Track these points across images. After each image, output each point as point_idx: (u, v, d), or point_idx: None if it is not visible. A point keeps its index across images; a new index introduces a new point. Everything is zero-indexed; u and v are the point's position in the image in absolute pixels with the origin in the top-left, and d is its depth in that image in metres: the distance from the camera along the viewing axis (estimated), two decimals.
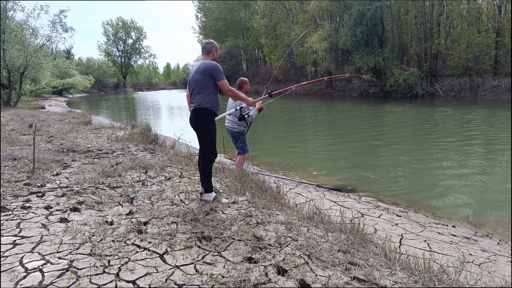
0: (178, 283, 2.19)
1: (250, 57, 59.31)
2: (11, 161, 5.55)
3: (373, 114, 18.63)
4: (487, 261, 3.31)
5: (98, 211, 3.47)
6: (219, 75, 3.65)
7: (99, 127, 11.02)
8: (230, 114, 5.12)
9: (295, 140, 11.81)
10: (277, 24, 44.18)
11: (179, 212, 3.41)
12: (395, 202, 5.41)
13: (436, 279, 2.30)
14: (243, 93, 5.35)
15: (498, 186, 6.08)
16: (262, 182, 4.56)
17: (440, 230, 4.09)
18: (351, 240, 2.92)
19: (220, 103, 3.79)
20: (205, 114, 3.69)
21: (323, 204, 4.41)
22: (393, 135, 11.99)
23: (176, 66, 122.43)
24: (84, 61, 67.31)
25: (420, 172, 7.11)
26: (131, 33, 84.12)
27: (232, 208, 3.65)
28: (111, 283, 2.18)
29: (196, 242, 2.79)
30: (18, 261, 2.42)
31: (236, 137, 5.38)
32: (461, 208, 5.20)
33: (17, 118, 13.25)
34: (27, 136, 8.69)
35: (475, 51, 27.67)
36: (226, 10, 56.94)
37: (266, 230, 3.08)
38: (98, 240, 2.77)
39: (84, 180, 4.50)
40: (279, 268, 2.38)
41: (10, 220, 3.17)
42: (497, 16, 27.90)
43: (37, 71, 21.80)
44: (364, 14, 29.05)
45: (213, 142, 3.76)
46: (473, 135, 11.32)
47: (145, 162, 5.51)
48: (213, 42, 3.85)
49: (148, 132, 8.60)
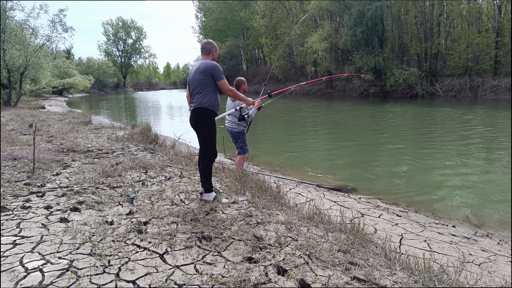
0: (178, 283, 2.19)
1: (250, 57, 59.31)
2: (11, 161, 5.55)
3: (373, 114, 18.63)
4: (487, 261, 3.31)
5: (98, 211, 3.47)
6: (219, 75, 3.66)
7: (99, 127, 11.02)
8: (230, 114, 5.12)
9: (295, 140, 11.80)
10: (277, 24, 44.19)
11: (179, 212, 3.41)
12: (395, 202, 5.41)
13: (436, 279, 2.30)
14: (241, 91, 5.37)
15: (498, 186, 6.08)
16: (262, 182, 4.56)
17: (440, 230, 4.09)
18: (351, 240, 2.92)
19: (220, 103, 3.80)
20: (205, 114, 3.69)
21: (323, 204, 4.41)
22: (393, 135, 11.99)
23: (176, 66, 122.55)
24: (84, 61, 67.29)
25: (420, 172, 7.11)
26: (131, 33, 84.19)
27: (232, 208, 3.65)
28: (111, 283, 2.18)
29: (196, 242, 2.79)
30: (18, 261, 2.42)
31: (236, 137, 5.39)
32: (461, 208, 5.20)
33: (17, 118, 13.25)
34: (27, 136, 8.70)
35: (475, 51, 27.66)
36: (226, 10, 56.96)
37: (266, 230, 3.08)
38: (98, 240, 2.77)
39: (84, 180, 4.50)
40: (279, 268, 2.38)
41: (10, 220, 3.17)
42: (497, 16, 27.89)
43: (37, 71, 21.79)
44: (364, 14, 29.04)
45: (213, 142, 3.77)
46: (473, 135, 11.32)
47: (145, 162, 5.51)
48: (212, 42, 3.85)
49: (148, 132, 8.60)
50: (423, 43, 30.62)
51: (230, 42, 55.57)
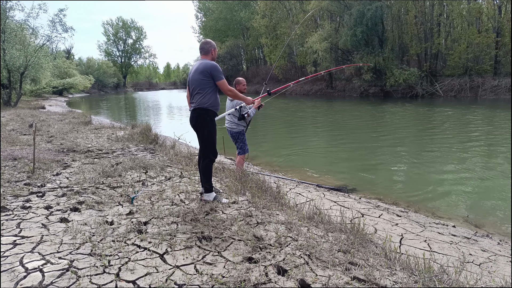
0: (178, 283, 2.19)
1: (250, 57, 59.30)
2: (11, 161, 5.55)
3: (373, 114, 18.63)
4: (487, 261, 3.31)
5: (98, 211, 3.47)
6: (219, 75, 3.66)
7: (99, 127, 11.02)
8: (230, 114, 5.12)
9: (295, 140, 11.80)
10: (277, 24, 44.18)
11: (179, 212, 3.41)
12: (395, 202, 5.41)
13: (436, 279, 2.30)
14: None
15: (499, 186, 6.08)
16: (262, 182, 4.56)
17: (440, 230, 4.09)
18: (351, 240, 2.92)
19: (219, 103, 3.80)
20: (205, 114, 3.69)
21: (323, 204, 4.41)
22: (393, 135, 11.99)
23: (176, 66, 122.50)
24: (84, 61, 67.29)
25: (421, 172, 7.11)
26: (131, 33, 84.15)
27: (232, 208, 3.65)
28: (111, 283, 2.18)
29: (196, 242, 2.79)
30: (18, 261, 2.42)
31: (235, 137, 5.39)
32: (461, 208, 5.20)
33: (17, 118, 13.25)
34: (27, 136, 8.70)
35: (475, 51, 27.67)
36: (226, 10, 56.95)
37: (266, 230, 3.08)
38: (98, 240, 2.77)
39: (84, 180, 4.50)
40: (279, 268, 2.38)
41: (10, 220, 3.17)
42: (497, 16, 27.90)
43: (37, 71, 21.79)
44: (364, 14, 29.05)
45: (213, 142, 3.77)
46: (474, 135, 11.32)
47: (145, 162, 5.51)
48: (210, 41, 3.83)
49: (148, 132, 8.60)
50: (423, 43, 30.62)
51: (230, 42, 55.57)
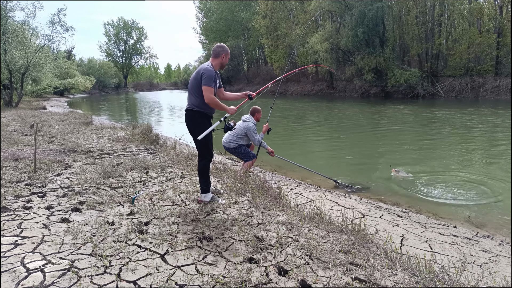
0: (179, 284, 2.19)
1: (251, 57, 59.31)
2: (12, 161, 5.56)
3: (374, 115, 18.61)
4: (489, 262, 3.30)
5: (99, 211, 3.48)
6: (205, 80, 3.53)
7: (100, 128, 11.03)
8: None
9: (296, 140, 11.79)
10: (278, 24, 44.17)
11: (180, 213, 3.41)
12: (396, 203, 5.40)
13: (437, 280, 2.30)
14: (254, 119, 5.46)
15: (499, 186, 6.07)
16: (263, 182, 4.56)
17: (441, 231, 4.08)
18: (352, 240, 2.91)
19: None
20: (196, 115, 3.70)
21: (324, 204, 4.41)
22: (394, 135, 11.98)
23: (177, 66, 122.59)
24: (85, 62, 67.40)
25: (421, 172, 7.10)
26: (132, 34, 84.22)
27: (233, 209, 3.65)
28: (112, 283, 2.19)
29: (197, 242, 2.79)
30: (19, 261, 2.42)
31: (232, 152, 5.41)
32: (462, 209, 5.19)
33: (19, 119, 13.27)
34: (28, 136, 8.71)
35: (476, 51, 27.61)
36: (227, 10, 56.99)
37: (267, 230, 3.08)
38: (99, 241, 2.77)
39: (85, 181, 4.50)
40: (280, 269, 2.38)
41: (11, 220, 3.17)
42: (499, 16, 27.84)
43: (38, 71, 21.82)
44: (365, 14, 29.03)
45: (207, 143, 3.72)
46: (474, 136, 11.31)
47: (146, 163, 5.52)
48: (223, 46, 3.76)
49: (149, 133, 8.61)
50: (424, 43, 30.57)
51: (231, 42, 55.52)
